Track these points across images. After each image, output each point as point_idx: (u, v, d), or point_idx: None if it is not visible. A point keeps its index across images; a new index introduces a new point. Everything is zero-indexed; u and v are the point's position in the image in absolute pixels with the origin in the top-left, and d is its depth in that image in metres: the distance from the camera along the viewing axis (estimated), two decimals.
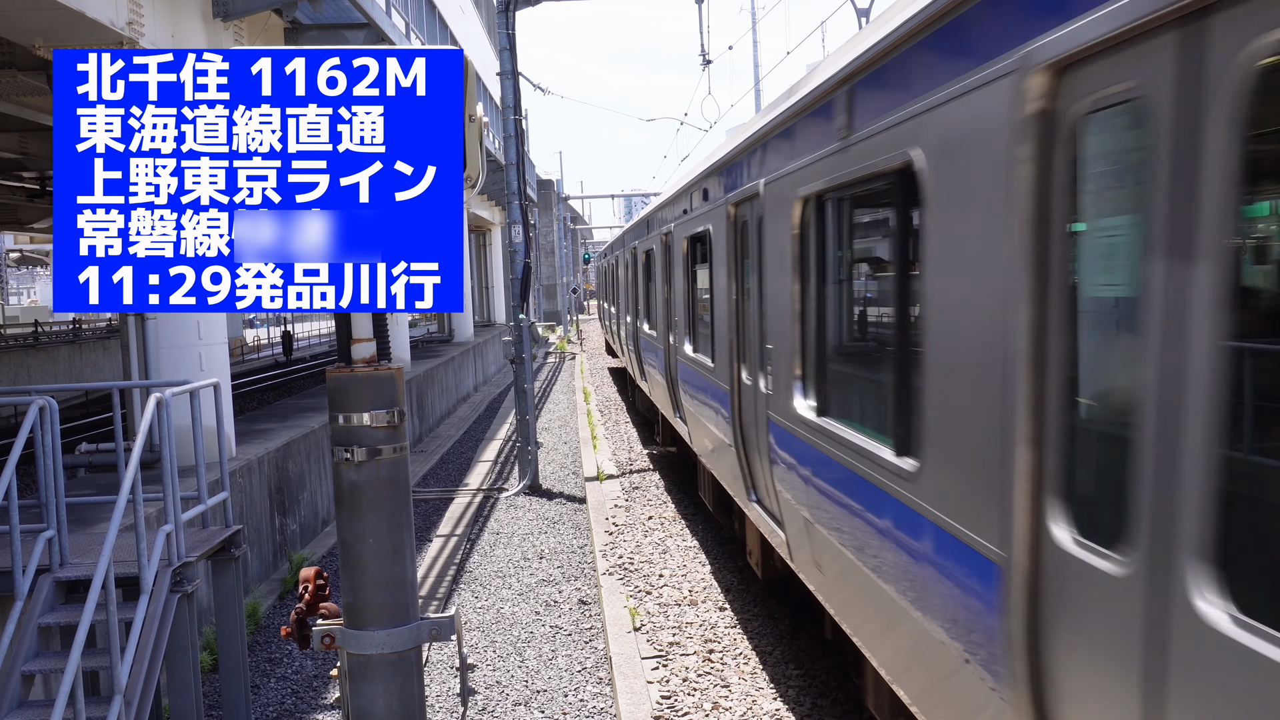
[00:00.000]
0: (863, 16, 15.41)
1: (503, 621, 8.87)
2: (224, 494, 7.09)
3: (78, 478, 9.05)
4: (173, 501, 6.08)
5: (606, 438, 17.85)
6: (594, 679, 7.56)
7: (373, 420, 3.74)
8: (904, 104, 3.78)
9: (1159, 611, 2.30)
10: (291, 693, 7.61)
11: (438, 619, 3.94)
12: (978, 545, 3.17)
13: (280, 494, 11.05)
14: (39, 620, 5.72)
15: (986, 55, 3.05)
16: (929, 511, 3.63)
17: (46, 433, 6.00)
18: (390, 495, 3.81)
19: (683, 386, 10.76)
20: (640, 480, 14.07)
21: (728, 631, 8.09)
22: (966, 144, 3.20)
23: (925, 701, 3.90)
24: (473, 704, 7.12)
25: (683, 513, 12.11)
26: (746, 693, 6.92)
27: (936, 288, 3.60)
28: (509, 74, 14.39)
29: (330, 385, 3.80)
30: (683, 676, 7.22)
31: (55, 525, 5.99)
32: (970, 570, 3.22)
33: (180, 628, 6.05)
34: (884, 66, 4.04)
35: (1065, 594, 2.71)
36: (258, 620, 8.93)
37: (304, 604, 4.07)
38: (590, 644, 8.26)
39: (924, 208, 3.64)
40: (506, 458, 17.12)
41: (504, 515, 12.90)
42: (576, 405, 23.12)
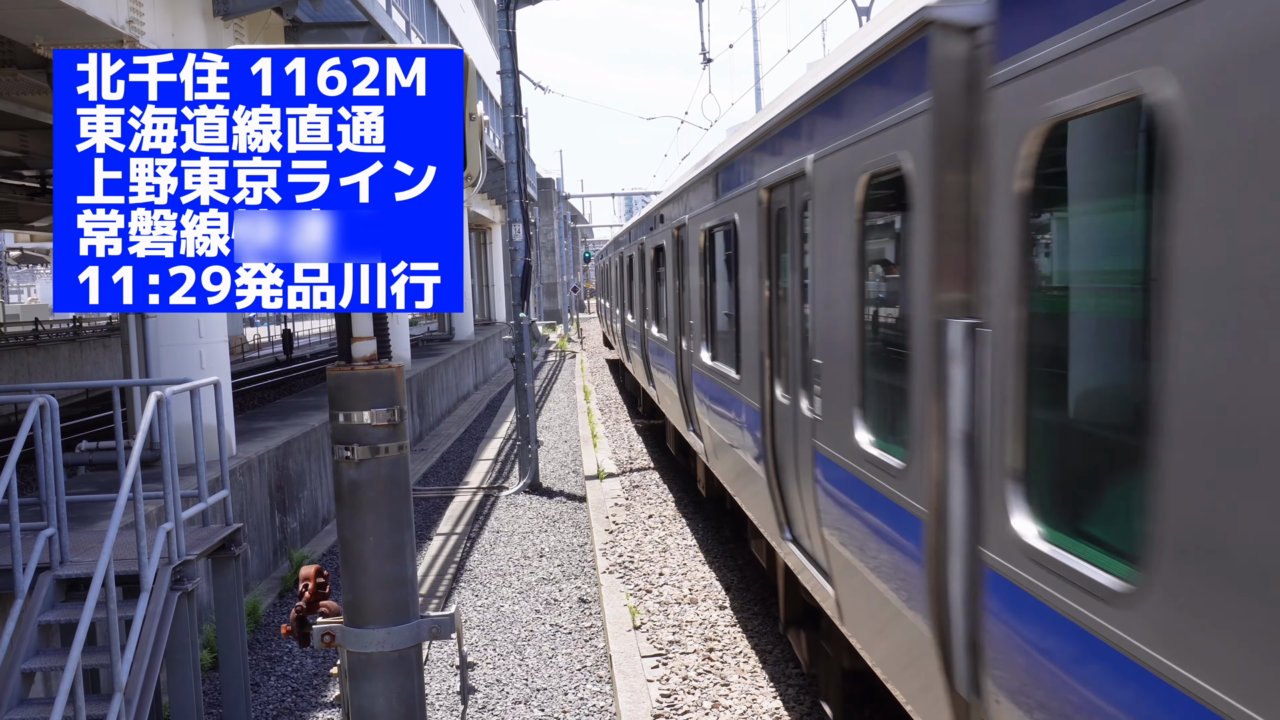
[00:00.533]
0: (863, 15, 15.40)
1: (503, 620, 8.87)
2: (224, 492, 7.10)
3: (78, 476, 9.06)
4: (173, 499, 6.09)
5: (607, 436, 17.86)
6: (594, 677, 7.57)
7: (373, 418, 3.75)
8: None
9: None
10: (292, 691, 7.62)
11: (438, 617, 3.95)
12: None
13: (280, 492, 11.06)
14: (39, 618, 5.72)
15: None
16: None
17: (47, 431, 6.00)
18: (390, 493, 3.81)
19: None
20: (641, 479, 14.08)
21: (728, 630, 8.10)
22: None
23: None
24: (473, 702, 7.13)
25: (683, 511, 12.12)
26: (746, 691, 6.93)
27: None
28: (509, 72, 14.39)
29: (330, 383, 3.80)
30: (682, 675, 7.23)
31: (55, 523, 6.00)
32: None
33: (180, 626, 6.06)
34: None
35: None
36: (258, 618, 8.94)
37: (304, 602, 4.07)
38: (590, 642, 8.27)
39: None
40: (507, 456, 17.13)
41: (504, 514, 12.91)
42: (577, 404, 23.13)
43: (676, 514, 11.98)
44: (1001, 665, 3.13)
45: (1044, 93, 2.78)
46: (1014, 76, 2.95)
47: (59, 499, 6.03)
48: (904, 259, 4.02)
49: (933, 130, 3.41)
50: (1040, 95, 2.80)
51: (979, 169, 3.21)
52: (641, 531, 11.20)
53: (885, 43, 3.84)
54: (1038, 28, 2.82)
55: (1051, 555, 2.78)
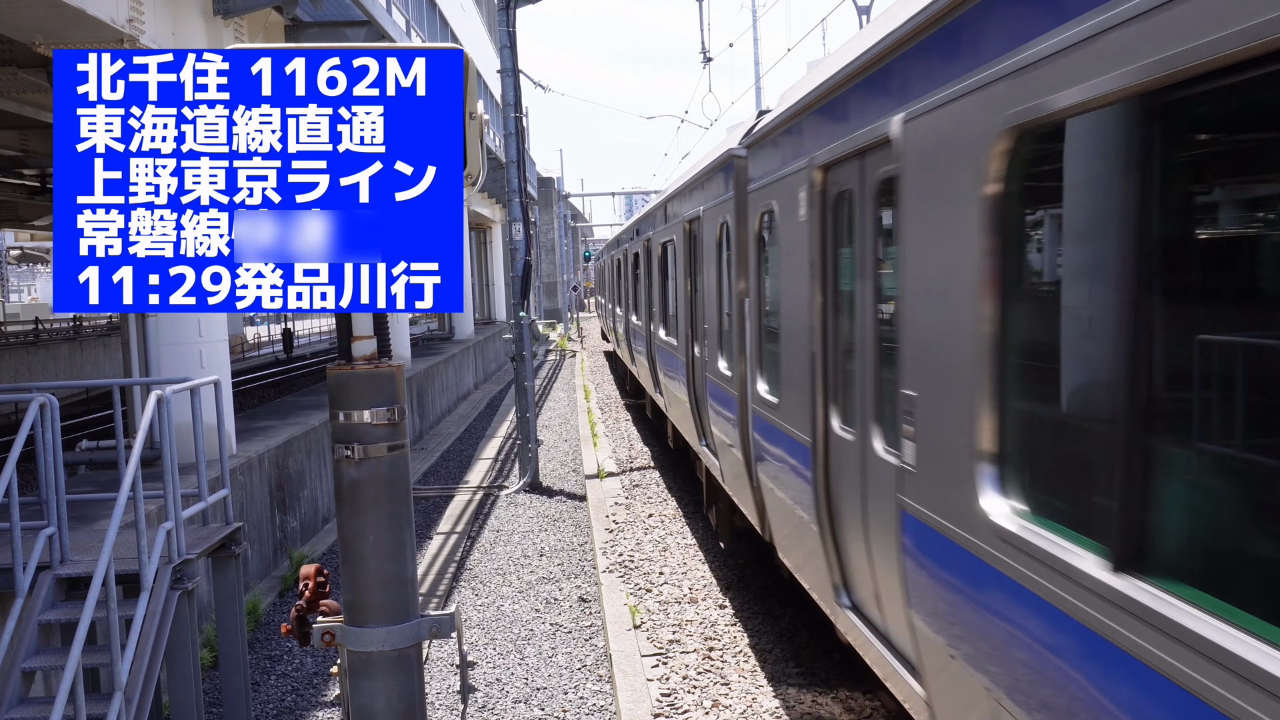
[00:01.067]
0: (863, 15, 15.39)
1: (503, 619, 8.88)
2: (224, 491, 7.10)
3: (78, 475, 9.06)
4: (173, 499, 6.09)
5: (607, 435, 17.86)
6: (594, 676, 7.57)
7: (373, 418, 3.75)
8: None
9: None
10: (292, 690, 7.62)
11: (438, 616, 3.95)
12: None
13: (281, 491, 11.06)
14: (39, 617, 5.73)
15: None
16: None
17: (47, 430, 6.01)
18: (391, 493, 3.81)
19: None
20: (641, 478, 14.08)
21: (728, 629, 8.10)
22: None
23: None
24: (473, 701, 7.13)
25: (683, 510, 12.12)
26: (746, 690, 6.93)
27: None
28: (509, 71, 14.39)
29: (331, 383, 3.81)
30: (683, 674, 7.23)
31: (56, 522, 6.00)
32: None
33: (180, 625, 6.06)
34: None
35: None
36: (258, 617, 8.95)
37: (304, 601, 4.08)
38: (590, 641, 8.28)
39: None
40: (507, 455, 17.13)
41: (504, 513, 12.91)
42: (577, 403, 23.13)
43: (677, 513, 11.98)
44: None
45: (760, 195, 6.73)
46: (752, 187, 7.04)
47: (59, 498, 6.03)
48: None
49: (735, 206, 7.42)
50: (759, 196, 6.76)
51: (747, 226, 6.89)
52: (642, 530, 11.20)
53: (713, 163, 7.40)
54: (755, 166, 6.93)
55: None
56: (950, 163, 3.48)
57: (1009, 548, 3.02)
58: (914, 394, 3.84)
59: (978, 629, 3.35)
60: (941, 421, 3.60)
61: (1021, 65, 2.90)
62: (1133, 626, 2.41)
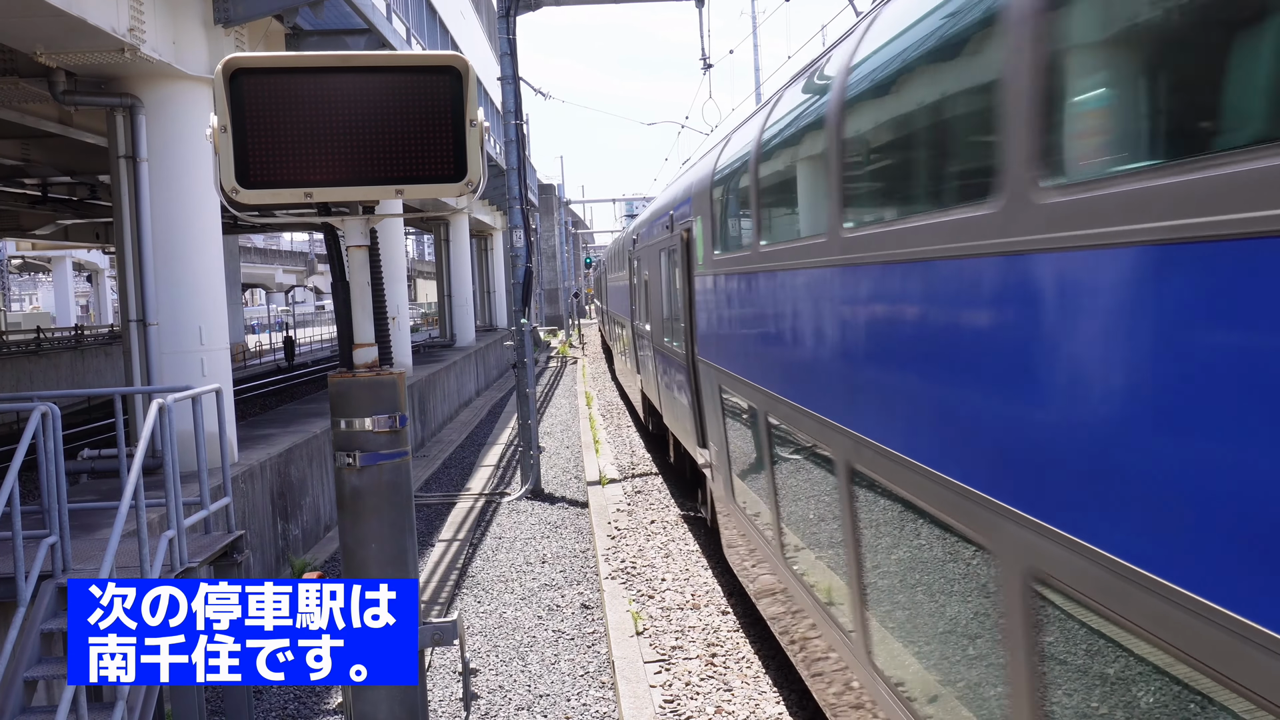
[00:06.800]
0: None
1: (505, 626, 8.86)
2: (226, 499, 7.09)
3: (80, 483, 9.06)
4: (175, 507, 6.09)
5: (609, 442, 17.85)
6: (597, 683, 7.55)
7: (374, 425, 3.74)
8: None
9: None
10: (294, 698, 7.61)
11: (440, 624, 3.94)
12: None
13: (282, 499, 11.05)
14: (41, 626, 5.72)
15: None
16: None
17: (49, 439, 6.00)
18: (392, 500, 3.80)
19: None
20: (643, 484, 14.07)
21: (730, 635, 8.09)
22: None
23: None
24: (475, 709, 7.12)
25: (686, 517, 12.11)
26: (749, 696, 6.91)
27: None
28: (509, 79, 14.41)
29: (332, 390, 3.80)
30: (685, 680, 7.21)
31: (58, 531, 6.00)
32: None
33: None
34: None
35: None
36: None
37: None
38: (593, 648, 8.26)
39: None
40: (508, 462, 17.12)
41: (506, 520, 12.90)
42: (578, 409, 23.12)
43: (679, 519, 11.97)
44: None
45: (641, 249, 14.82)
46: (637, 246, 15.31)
47: (61, 507, 6.03)
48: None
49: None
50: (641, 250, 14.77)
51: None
52: (644, 537, 11.19)
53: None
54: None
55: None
56: (634, 255, 12.97)
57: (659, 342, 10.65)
58: (649, 326, 10.50)
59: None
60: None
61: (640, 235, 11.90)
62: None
